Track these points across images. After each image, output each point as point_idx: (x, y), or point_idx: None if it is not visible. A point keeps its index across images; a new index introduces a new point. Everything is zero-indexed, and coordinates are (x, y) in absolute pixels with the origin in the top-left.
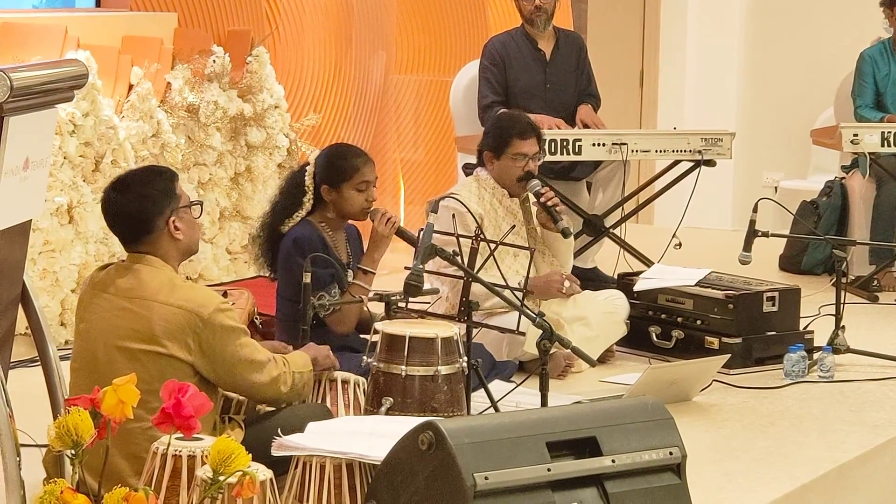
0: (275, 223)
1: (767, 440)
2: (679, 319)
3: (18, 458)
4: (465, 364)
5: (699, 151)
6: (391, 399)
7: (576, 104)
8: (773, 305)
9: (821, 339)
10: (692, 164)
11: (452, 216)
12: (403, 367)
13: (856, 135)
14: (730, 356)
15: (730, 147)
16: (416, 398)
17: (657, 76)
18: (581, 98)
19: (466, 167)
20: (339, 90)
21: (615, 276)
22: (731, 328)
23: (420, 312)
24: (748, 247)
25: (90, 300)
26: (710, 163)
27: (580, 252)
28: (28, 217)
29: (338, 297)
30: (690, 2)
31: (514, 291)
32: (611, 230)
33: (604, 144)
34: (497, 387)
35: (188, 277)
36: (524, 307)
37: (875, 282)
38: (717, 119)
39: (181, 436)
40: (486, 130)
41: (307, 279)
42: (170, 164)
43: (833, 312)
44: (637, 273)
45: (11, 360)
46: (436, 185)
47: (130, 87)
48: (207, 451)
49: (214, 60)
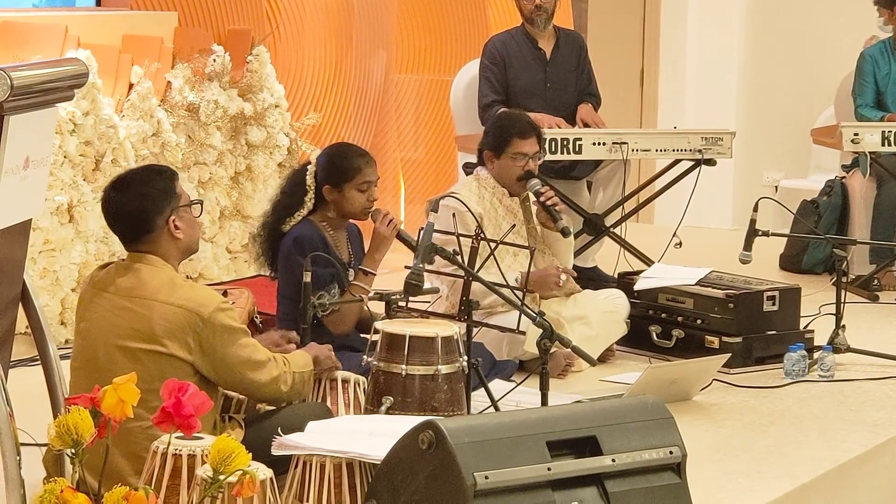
0: (276, 222)
1: (768, 439)
2: (679, 319)
3: (18, 457)
4: (466, 363)
5: (699, 151)
6: (391, 398)
7: (576, 103)
8: (774, 305)
9: (821, 339)
10: (692, 164)
11: (452, 215)
12: (404, 367)
13: (856, 134)
14: (730, 355)
15: (730, 146)
16: (417, 397)
17: (657, 75)
18: (581, 97)
19: (467, 166)
20: (340, 89)
21: (615, 276)
22: (732, 327)
23: (420, 312)
24: (748, 246)
25: (90, 299)
26: (711, 162)
27: (580, 251)
28: (28, 216)
29: (338, 297)
30: (690, 2)
31: (515, 291)
32: (611, 229)
33: (604, 143)
34: (497, 386)
35: (188, 277)
36: (524, 306)
37: (875, 281)
38: (718, 118)
39: (181, 435)
40: (487, 130)
41: (307, 278)
42: (170, 164)
43: (833, 312)
44: (637, 272)
45: (12, 359)
46: (436, 185)
47: (131, 87)
48: (207, 451)
49: (215, 59)
